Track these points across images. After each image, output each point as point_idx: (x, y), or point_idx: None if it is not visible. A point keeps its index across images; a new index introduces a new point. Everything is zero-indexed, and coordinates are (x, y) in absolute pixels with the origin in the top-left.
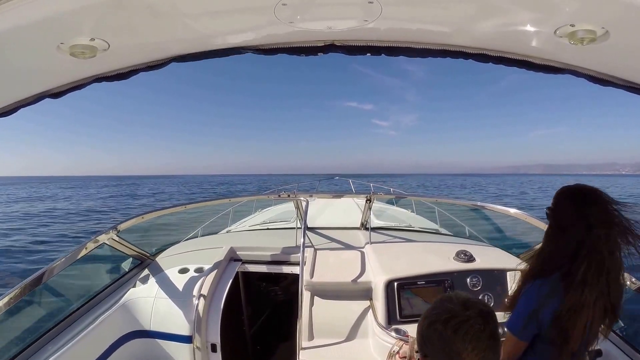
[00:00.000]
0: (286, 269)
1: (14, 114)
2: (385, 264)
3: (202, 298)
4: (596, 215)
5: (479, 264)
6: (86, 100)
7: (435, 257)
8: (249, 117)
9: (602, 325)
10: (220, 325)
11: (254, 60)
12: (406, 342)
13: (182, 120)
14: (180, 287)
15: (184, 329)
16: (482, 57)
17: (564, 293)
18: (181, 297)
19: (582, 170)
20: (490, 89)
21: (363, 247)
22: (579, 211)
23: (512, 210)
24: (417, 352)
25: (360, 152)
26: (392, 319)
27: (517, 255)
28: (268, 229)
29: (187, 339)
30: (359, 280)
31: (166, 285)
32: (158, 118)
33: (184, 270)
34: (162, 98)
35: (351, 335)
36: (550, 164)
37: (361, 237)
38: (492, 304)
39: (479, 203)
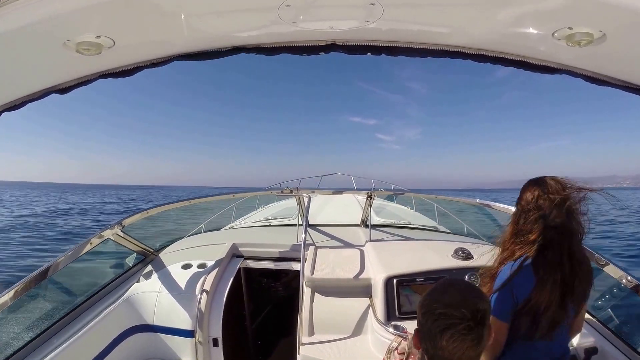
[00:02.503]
0: (287, 266)
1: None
2: (384, 261)
3: (204, 293)
4: (552, 198)
5: (477, 261)
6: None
7: (434, 254)
8: (253, 130)
9: (574, 306)
10: (222, 321)
11: (259, 75)
12: (405, 338)
13: (189, 130)
14: (183, 282)
15: (186, 323)
16: (480, 58)
17: (533, 272)
18: (184, 293)
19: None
20: (492, 104)
21: (363, 245)
22: (539, 196)
23: (512, 209)
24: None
25: (364, 166)
26: (391, 315)
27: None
28: (270, 225)
29: (190, 334)
30: (358, 277)
31: (169, 280)
32: (164, 128)
33: (187, 266)
34: (165, 108)
35: (351, 331)
36: None
37: (361, 234)
38: None
39: (478, 200)
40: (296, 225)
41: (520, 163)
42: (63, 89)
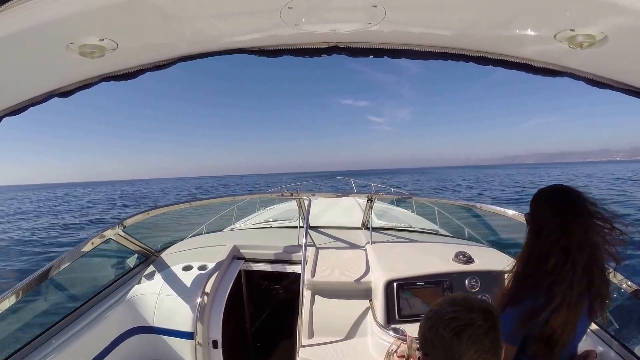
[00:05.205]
0: (288, 268)
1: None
2: (385, 265)
3: (204, 295)
4: (574, 214)
5: (478, 265)
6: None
7: (435, 258)
8: (246, 119)
9: (591, 321)
10: (222, 322)
11: (250, 62)
12: (404, 341)
13: (174, 122)
14: (183, 284)
15: (186, 325)
16: (482, 60)
17: (548, 295)
18: (184, 294)
19: (576, 158)
20: (484, 81)
21: (364, 247)
22: (558, 212)
23: (510, 212)
24: (416, 350)
25: (358, 149)
26: (391, 318)
27: (515, 257)
28: (271, 227)
29: (189, 335)
30: (359, 280)
31: (170, 282)
32: (152, 122)
33: (187, 268)
34: (153, 101)
35: (350, 334)
36: (545, 153)
37: (362, 236)
38: None
39: (477, 204)
40: (297, 227)
41: (513, 140)
42: (65, 92)
